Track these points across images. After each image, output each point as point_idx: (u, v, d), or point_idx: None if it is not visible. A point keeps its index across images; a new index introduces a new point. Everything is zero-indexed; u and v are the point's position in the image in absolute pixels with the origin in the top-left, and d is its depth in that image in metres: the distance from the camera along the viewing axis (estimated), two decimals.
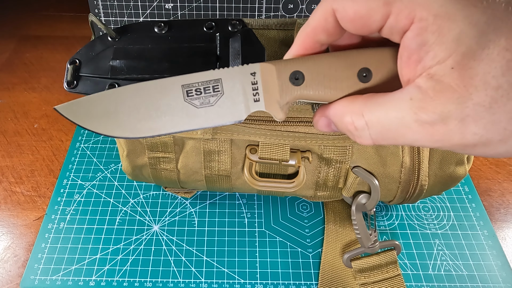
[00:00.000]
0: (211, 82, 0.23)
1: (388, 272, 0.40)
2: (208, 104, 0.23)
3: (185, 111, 0.23)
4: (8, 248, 0.42)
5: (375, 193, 0.39)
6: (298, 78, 0.22)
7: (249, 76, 0.23)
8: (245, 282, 0.40)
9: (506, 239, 0.44)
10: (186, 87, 0.23)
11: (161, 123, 0.23)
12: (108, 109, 0.23)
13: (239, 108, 0.23)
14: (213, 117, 0.23)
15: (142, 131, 0.23)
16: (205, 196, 0.47)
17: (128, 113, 0.23)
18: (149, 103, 0.23)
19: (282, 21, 0.37)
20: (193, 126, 0.23)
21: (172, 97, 0.23)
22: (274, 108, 0.23)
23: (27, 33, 0.69)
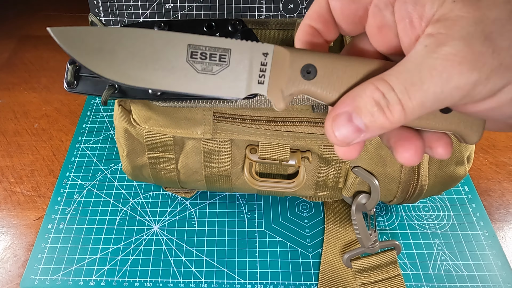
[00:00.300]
0: (219, 50, 0.22)
1: (388, 272, 0.40)
2: (210, 72, 0.22)
3: (184, 72, 0.22)
4: (8, 248, 0.42)
5: (375, 193, 0.39)
6: (310, 72, 0.21)
7: (261, 55, 0.22)
8: (245, 282, 0.40)
9: (506, 239, 0.44)
10: (192, 47, 0.21)
11: (155, 77, 0.22)
12: (105, 46, 0.21)
13: (240, 85, 0.22)
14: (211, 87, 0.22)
15: (133, 79, 0.22)
16: (205, 196, 0.47)
17: (124, 57, 0.21)
18: (150, 52, 0.21)
19: (282, 21, 0.37)
20: (187, 89, 0.22)
21: (175, 53, 0.21)
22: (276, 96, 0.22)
23: (27, 33, 0.69)
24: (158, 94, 0.33)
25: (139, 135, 0.38)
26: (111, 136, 0.53)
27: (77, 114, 0.56)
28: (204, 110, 0.36)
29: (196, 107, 0.36)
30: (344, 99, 0.20)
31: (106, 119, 0.55)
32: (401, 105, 0.18)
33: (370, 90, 0.19)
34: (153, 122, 0.37)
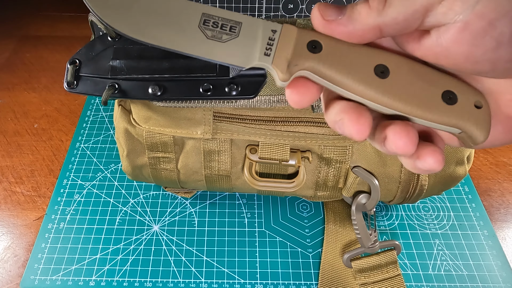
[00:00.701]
0: (231, 21, 0.23)
1: (388, 272, 0.40)
2: (219, 40, 0.23)
3: (194, 36, 0.23)
4: (8, 248, 0.42)
5: (375, 193, 0.39)
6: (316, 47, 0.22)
7: (269, 31, 0.23)
8: (245, 282, 0.40)
9: (506, 239, 0.44)
10: (205, 16, 0.23)
11: (166, 36, 0.23)
12: (124, 1, 0.23)
13: (246, 54, 0.23)
14: (217, 52, 0.23)
15: (145, 35, 0.23)
16: (205, 196, 0.47)
17: (141, 14, 0.23)
18: (165, 13, 0.23)
19: (282, 21, 0.37)
20: (194, 51, 0.23)
21: (188, 17, 0.23)
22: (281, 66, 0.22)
23: (27, 33, 0.69)
24: (158, 94, 0.33)
25: (139, 135, 0.38)
26: (111, 136, 0.53)
27: (77, 114, 0.56)
28: (204, 110, 0.36)
29: (196, 107, 0.36)
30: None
31: (106, 119, 0.55)
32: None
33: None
34: (153, 122, 0.37)
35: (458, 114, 0.21)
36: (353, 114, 0.21)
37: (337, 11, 0.21)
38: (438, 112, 0.21)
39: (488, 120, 0.21)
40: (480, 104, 0.21)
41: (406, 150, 0.20)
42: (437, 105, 0.21)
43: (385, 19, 0.19)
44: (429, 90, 0.21)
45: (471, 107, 0.21)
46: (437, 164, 0.20)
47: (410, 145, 0.20)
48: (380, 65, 0.21)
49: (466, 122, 0.21)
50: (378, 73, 0.21)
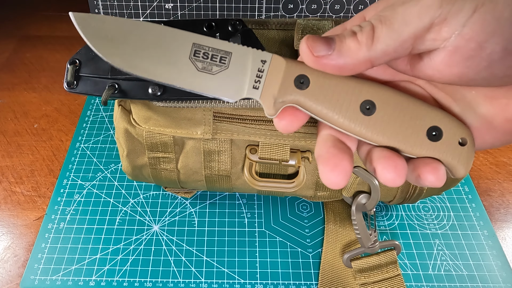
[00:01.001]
0: (221, 52, 0.23)
1: (388, 272, 0.40)
2: (209, 72, 0.23)
3: (185, 68, 0.23)
4: (8, 248, 0.42)
5: (375, 193, 0.39)
6: (303, 83, 0.22)
7: (259, 62, 0.23)
8: (245, 282, 0.40)
9: (506, 239, 0.44)
10: (196, 46, 0.23)
11: (158, 69, 0.23)
12: (117, 35, 0.23)
13: (235, 88, 0.23)
14: (208, 85, 0.23)
15: (138, 68, 0.23)
16: (205, 196, 0.47)
17: (133, 47, 0.23)
18: (156, 45, 0.23)
19: (282, 21, 0.37)
20: (185, 84, 0.23)
21: (179, 49, 0.23)
22: (268, 102, 0.23)
23: (27, 33, 0.69)
24: (158, 94, 0.33)
25: (139, 135, 0.38)
26: (111, 136, 0.53)
27: (77, 114, 0.56)
28: (204, 110, 0.36)
29: (196, 107, 0.36)
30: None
31: (106, 119, 0.55)
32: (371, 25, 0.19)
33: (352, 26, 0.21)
34: (153, 122, 0.37)
35: (441, 151, 0.21)
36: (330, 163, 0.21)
37: (326, 46, 0.20)
38: (422, 149, 0.21)
39: (471, 157, 0.21)
40: (465, 141, 0.21)
41: (395, 183, 0.20)
42: (421, 142, 0.21)
43: (375, 53, 0.19)
44: (415, 126, 0.21)
45: (455, 145, 0.21)
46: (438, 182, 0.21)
47: (398, 179, 0.20)
48: (366, 101, 0.22)
49: (448, 159, 0.21)
50: (364, 109, 0.22)
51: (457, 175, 0.22)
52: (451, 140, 0.21)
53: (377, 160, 0.21)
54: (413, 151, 0.21)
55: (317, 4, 0.58)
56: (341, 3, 0.58)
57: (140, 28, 0.23)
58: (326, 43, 0.20)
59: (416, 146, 0.21)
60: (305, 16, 0.60)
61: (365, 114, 0.22)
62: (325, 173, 0.21)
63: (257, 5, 0.58)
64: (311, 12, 0.59)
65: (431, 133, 0.21)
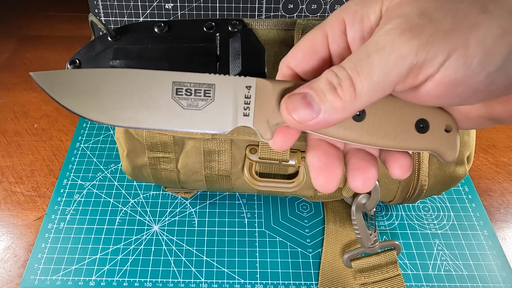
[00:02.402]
0: (203, 85, 0.22)
1: (388, 272, 0.40)
2: (196, 108, 0.22)
3: (170, 109, 0.22)
4: (8, 248, 0.42)
5: (375, 193, 0.39)
6: None
7: (244, 88, 0.22)
8: (245, 282, 0.40)
9: (506, 239, 0.44)
10: (176, 85, 0.22)
11: (142, 116, 0.22)
12: (89, 88, 0.21)
13: (226, 118, 0.22)
14: (197, 122, 0.22)
15: (120, 119, 0.22)
16: (205, 196, 0.47)
17: (110, 97, 0.21)
18: (135, 91, 0.22)
19: (282, 21, 0.37)
20: (174, 126, 0.22)
21: (160, 91, 0.22)
22: (262, 127, 0.22)
23: (27, 33, 0.69)
24: None
25: (139, 135, 0.38)
26: (111, 136, 0.53)
27: None
28: None
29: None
30: (303, 85, 0.21)
31: None
32: (350, 80, 0.19)
33: (325, 73, 0.20)
34: None
35: (430, 141, 0.22)
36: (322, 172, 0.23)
37: (308, 109, 0.20)
38: (412, 142, 0.22)
39: (457, 141, 0.23)
40: (450, 128, 0.22)
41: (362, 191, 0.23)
42: (411, 137, 0.22)
43: (359, 105, 0.20)
44: (403, 123, 0.22)
45: (442, 132, 0.22)
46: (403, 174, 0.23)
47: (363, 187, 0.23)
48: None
49: (437, 147, 0.22)
50: (355, 116, 0.22)
51: (448, 159, 0.23)
52: (438, 129, 0.22)
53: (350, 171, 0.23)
54: (404, 146, 0.22)
55: (317, 4, 0.58)
56: (341, 3, 0.58)
57: (113, 76, 0.21)
58: (308, 107, 0.20)
59: (407, 141, 0.22)
60: (305, 16, 0.60)
61: (356, 121, 0.22)
62: (317, 180, 0.23)
63: (257, 5, 0.58)
64: (311, 12, 0.59)
65: (419, 125, 0.22)
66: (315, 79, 0.20)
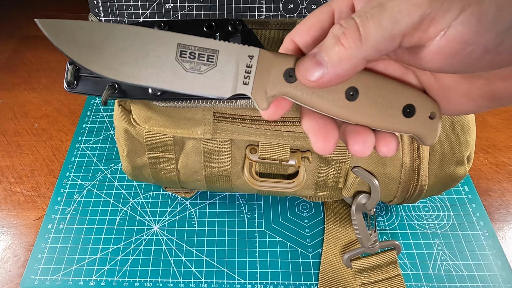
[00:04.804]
0: (207, 50, 0.22)
1: (388, 272, 0.40)
2: (198, 71, 0.23)
3: (173, 70, 0.22)
4: (8, 248, 0.42)
5: (375, 193, 0.39)
6: (292, 76, 0.23)
7: (247, 58, 0.23)
8: (245, 282, 0.40)
9: (506, 239, 0.44)
10: (181, 47, 0.22)
11: (144, 73, 0.22)
12: (95, 41, 0.21)
13: (226, 85, 0.23)
14: (198, 85, 0.23)
15: (123, 74, 0.22)
16: (205, 196, 0.47)
17: (114, 52, 0.22)
18: (139, 49, 0.22)
19: (282, 21, 0.37)
20: (175, 87, 0.23)
21: (164, 51, 0.22)
22: (259, 96, 0.23)
23: (27, 33, 0.69)
24: (158, 94, 0.33)
25: (139, 135, 0.38)
26: (111, 136, 0.53)
27: (77, 114, 0.56)
28: (204, 110, 0.36)
29: (196, 107, 0.36)
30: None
31: (106, 119, 0.55)
32: (355, 27, 0.19)
33: (332, 27, 0.20)
34: (153, 122, 0.37)
35: (414, 125, 0.24)
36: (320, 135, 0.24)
37: (319, 67, 0.21)
38: (398, 125, 0.24)
39: (437, 128, 0.24)
40: (433, 116, 0.24)
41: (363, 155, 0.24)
42: (398, 120, 0.24)
43: (367, 52, 0.19)
44: (392, 107, 0.23)
45: (426, 118, 0.24)
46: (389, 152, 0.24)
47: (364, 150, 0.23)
48: (351, 87, 0.23)
49: (419, 131, 0.24)
50: (348, 95, 0.23)
51: (427, 143, 0.24)
52: (423, 115, 0.23)
53: (350, 135, 0.24)
54: (390, 128, 0.24)
55: (317, 4, 0.58)
56: None
57: (119, 32, 0.22)
58: (317, 65, 0.21)
59: (393, 124, 0.23)
60: (305, 16, 0.59)
61: (349, 100, 0.23)
62: (317, 142, 0.24)
63: (257, 5, 0.58)
64: (310, 12, 0.59)
65: (406, 110, 0.23)
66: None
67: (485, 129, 0.55)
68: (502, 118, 0.57)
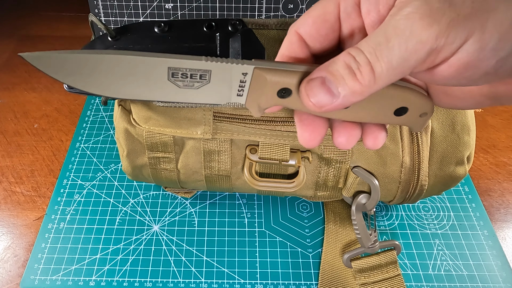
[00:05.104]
0: (200, 71, 0.22)
1: (388, 272, 0.40)
2: (191, 88, 0.23)
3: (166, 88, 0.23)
4: (8, 248, 0.42)
5: (375, 193, 0.39)
6: (285, 93, 0.23)
7: (240, 75, 0.23)
8: (245, 282, 0.40)
9: (506, 239, 0.44)
10: (172, 70, 0.22)
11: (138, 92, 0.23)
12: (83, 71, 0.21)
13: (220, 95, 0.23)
14: (192, 98, 0.23)
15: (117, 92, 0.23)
16: (205, 196, 0.47)
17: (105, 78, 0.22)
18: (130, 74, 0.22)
19: (282, 21, 0.37)
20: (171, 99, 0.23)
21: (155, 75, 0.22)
22: (253, 108, 0.24)
23: (27, 33, 0.69)
24: None
25: (139, 135, 0.38)
26: (111, 136, 0.53)
27: (77, 114, 0.56)
28: (204, 110, 0.36)
29: (196, 107, 0.36)
30: (320, 67, 0.21)
31: (106, 119, 0.55)
32: (370, 65, 0.19)
33: (343, 56, 0.20)
34: (153, 122, 0.37)
35: (403, 121, 0.24)
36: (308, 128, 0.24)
37: (329, 96, 0.20)
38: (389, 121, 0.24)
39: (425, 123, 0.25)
40: (424, 115, 0.24)
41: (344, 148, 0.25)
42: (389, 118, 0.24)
43: (377, 88, 0.20)
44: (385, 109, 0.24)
45: (416, 116, 0.24)
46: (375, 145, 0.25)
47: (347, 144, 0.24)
48: None
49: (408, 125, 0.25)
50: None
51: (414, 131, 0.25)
52: (414, 115, 0.24)
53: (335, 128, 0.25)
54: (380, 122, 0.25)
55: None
56: None
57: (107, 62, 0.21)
58: (328, 93, 0.20)
59: (384, 121, 0.24)
60: None
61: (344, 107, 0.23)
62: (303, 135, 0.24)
63: (257, 5, 0.58)
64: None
65: (399, 111, 0.24)
66: (331, 61, 0.20)
67: (485, 129, 0.55)
68: (502, 118, 0.57)
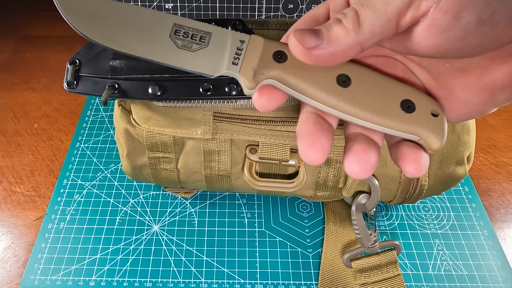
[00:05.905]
0: (201, 32, 0.24)
1: (388, 272, 0.40)
2: (189, 49, 0.24)
3: (165, 45, 0.24)
4: (8, 248, 0.42)
5: (375, 193, 0.39)
6: (281, 57, 0.23)
7: (238, 42, 0.24)
8: (245, 282, 0.40)
9: (506, 239, 0.44)
10: (176, 26, 0.24)
11: (138, 45, 0.24)
12: (99, 12, 0.24)
13: (215, 63, 0.24)
14: (187, 61, 0.24)
15: (119, 44, 0.24)
16: (205, 196, 0.47)
17: (115, 25, 0.24)
18: (137, 23, 0.24)
19: (282, 21, 0.37)
20: (165, 60, 0.24)
21: (160, 27, 0.24)
22: (247, 75, 0.23)
23: (27, 33, 0.69)
24: (158, 94, 0.33)
25: (139, 135, 0.38)
26: (111, 136, 0.53)
27: (77, 114, 0.56)
28: (204, 110, 0.36)
29: (196, 107, 0.36)
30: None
31: (106, 119, 0.55)
32: (355, 11, 0.20)
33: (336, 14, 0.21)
34: (153, 122, 0.37)
35: (416, 122, 0.22)
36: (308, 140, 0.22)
37: (315, 37, 0.21)
38: (397, 119, 0.22)
39: (443, 127, 0.22)
40: (436, 113, 0.22)
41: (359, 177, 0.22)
42: (396, 113, 0.22)
43: (363, 36, 0.20)
44: (389, 99, 0.22)
45: (428, 115, 0.22)
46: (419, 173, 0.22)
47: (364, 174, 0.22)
48: (342, 74, 0.23)
49: (423, 129, 0.22)
50: (340, 82, 0.23)
51: (433, 147, 0.22)
52: (424, 111, 0.22)
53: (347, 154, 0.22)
54: (390, 124, 0.22)
55: (316, 4, 0.58)
56: None
57: (123, 8, 0.24)
58: (315, 34, 0.21)
59: (392, 118, 0.22)
60: None
61: (341, 86, 0.23)
62: (303, 150, 0.22)
63: (257, 5, 0.58)
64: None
65: (405, 105, 0.22)
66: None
67: (485, 129, 0.55)
68: (502, 118, 0.57)
